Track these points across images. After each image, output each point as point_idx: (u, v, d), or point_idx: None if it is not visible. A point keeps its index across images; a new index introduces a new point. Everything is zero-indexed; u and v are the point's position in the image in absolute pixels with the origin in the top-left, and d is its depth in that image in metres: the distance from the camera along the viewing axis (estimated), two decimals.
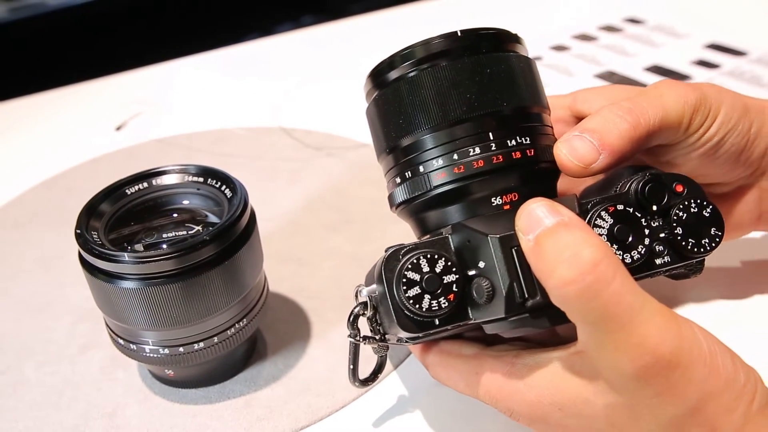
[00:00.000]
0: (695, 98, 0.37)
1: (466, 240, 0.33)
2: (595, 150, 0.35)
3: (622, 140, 0.36)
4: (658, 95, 0.37)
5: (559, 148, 0.35)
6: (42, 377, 0.45)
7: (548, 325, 0.31)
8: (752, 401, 0.29)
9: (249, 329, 0.41)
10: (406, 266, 0.32)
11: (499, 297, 0.31)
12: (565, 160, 0.35)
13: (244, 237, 0.39)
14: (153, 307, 0.37)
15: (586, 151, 0.35)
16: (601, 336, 0.28)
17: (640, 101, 0.37)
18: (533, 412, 0.32)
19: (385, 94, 0.36)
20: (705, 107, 0.37)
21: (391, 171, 0.37)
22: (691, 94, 0.37)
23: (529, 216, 0.30)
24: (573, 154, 0.35)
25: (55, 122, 0.80)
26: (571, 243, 0.28)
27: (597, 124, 0.36)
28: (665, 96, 0.37)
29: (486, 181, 0.34)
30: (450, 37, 0.35)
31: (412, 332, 0.32)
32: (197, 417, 0.41)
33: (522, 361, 0.33)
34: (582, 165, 0.35)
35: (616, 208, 0.33)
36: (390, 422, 0.40)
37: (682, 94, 0.37)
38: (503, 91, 0.34)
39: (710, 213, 0.35)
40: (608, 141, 0.35)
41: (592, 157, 0.35)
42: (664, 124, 0.36)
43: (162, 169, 0.42)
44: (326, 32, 1.00)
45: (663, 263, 0.35)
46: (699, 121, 0.37)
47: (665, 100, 0.37)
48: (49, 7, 1.54)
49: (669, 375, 0.28)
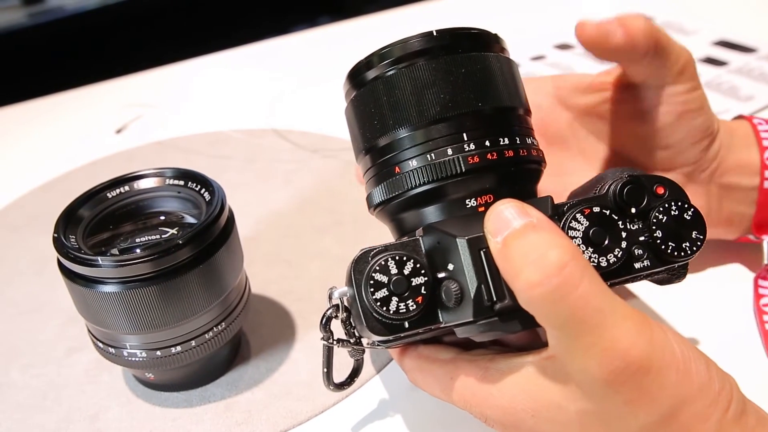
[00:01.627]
0: (691, 56, 0.42)
1: (436, 242, 0.32)
2: (616, 28, 0.40)
3: (639, 31, 0.40)
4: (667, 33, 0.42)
5: (584, 21, 0.41)
6: (27, 380, 0.45)
7: (519, 328, 0.31)
8: (727, 409, 0.28)
9: (229, 332, 0.41)
10: (374, 268, 0.31)
11: (467, 300, 0.31)
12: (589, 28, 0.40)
13: (222, 239, 0.39)
14: (130, 310, 0.37)
15: (608, 25, 0.40)
16: (569, 340, 0.27)
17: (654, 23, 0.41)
18: (506, 418, 0.31)
19: (361, 95, 0.36)
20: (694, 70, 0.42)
21: (368, 172, 0.37)
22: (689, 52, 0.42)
23: (498, 217, 0.29)
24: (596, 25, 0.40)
25: (56, 126, 0.80)
26: (538, 245, 0.28)
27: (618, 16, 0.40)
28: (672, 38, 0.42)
29: (461, 183, 0.33)
30: (426, 37, 0.34)
31: (382, 335, 0.32)
32: (177, 420, 0.41)
33: (495, 365, 0.32)
34: (603, 33, 0.40)
35: (591, 210, 0.32)
36: (370, 427, 0.40)
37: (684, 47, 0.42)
38: (479, 91, 0.34)
39: (692, 216, 0.34)
40: (628, 26, 0.40)
41: (614, 31, 0.40)
42: (668, 48, 0.41)
43: (142, 172, 0.42)
44: (324, 33, 1.00)
45: (642, 267, 0.34)
46: (689, 75, 0.42)
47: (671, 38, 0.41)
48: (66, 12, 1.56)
49: (640, 380, 0.27)
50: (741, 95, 0.72)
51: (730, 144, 0.44)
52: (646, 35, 0.40)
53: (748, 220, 0.45)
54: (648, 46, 0.40)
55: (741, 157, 0.44)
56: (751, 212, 0.45)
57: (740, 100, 0.71)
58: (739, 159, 0.44)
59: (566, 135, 0.46)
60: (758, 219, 0.45)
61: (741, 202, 0.45)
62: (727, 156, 0.44)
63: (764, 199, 0.44)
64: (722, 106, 0.70)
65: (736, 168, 0.44)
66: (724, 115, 0.68)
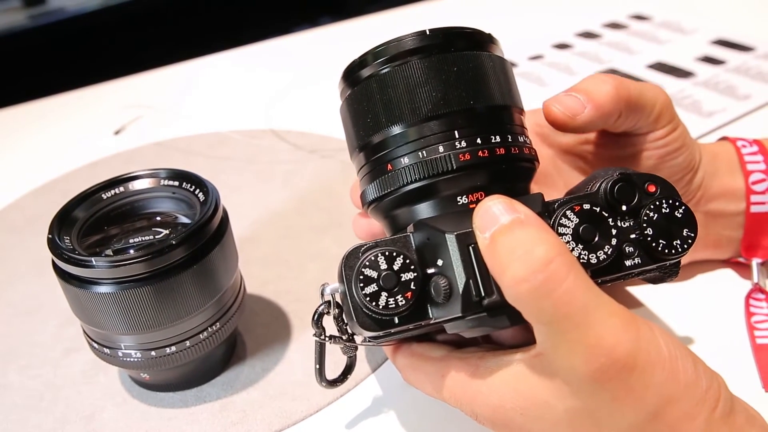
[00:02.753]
0: (666, 97, 0.41)
1: (426, 238, 0.32)
2: (581, 104, 0.39)
3: (606, 98, 0.39)
4: (638, 81, 0.41)
5: (549, 103, 0.39)
6: (24, 380, 0.45)
7: (508, 324, 0.31)
8: (715, 408, 0.28)
9: (223, 332, 0.41)
10: (364, 263, 0.31)
11: (456, 295, 0.31)
12: (555, 110, 0.39)
13: (216, 239, 0.39)
14: (125, 310, 0.37)
15: (573, 103, 0.39)
16: (555, 336, 0.28)
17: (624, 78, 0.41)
18: (495, 415, 0.31)
19: (355, 93, 0.36)
20: (672, 110, 0.42)
21: (362, 169, 0.37)
22: (663, 93, 0.41)
23: (486, 213, 0.29)
24: (561, 105, 0.39)
25: (55, 127, 0.81)
26: (524, 241, 0.28)
27: (583, 85, 0.40)
28: (643, 84, 0.41)
29: (452, 180, 0.33)
30: (419, 36, 0.35)
31: (372, 330, 0.32)
32: (173, 420, 0.41)
33: (485, 363, 0.32)
34: (569, 114, 0.39)
35: (582, 207, 0.32)
36: (364, 427, 0.40)
37: (657, 88, 0.41)
38: (471, 90, 0.34)
39: (683, 214, 0.34)
40: (594, 97, 0.39)
41: (579, 108, 0.39)
42: (639, 102, 0.40)
43: (136, 173, 0.42)
44: (324, 34, 1.00)
45: (633, 265, 0.34)
46: (666, 118, 0.41)
47: (643, 86, 0.41)
48: (67, 13, 1.57)
49: (626, 378, 0.27)
50: (739, 94, 0.71)
51: (714, 171, 0.44)
52: (614, 101, 0.39)
53: (737, 242, 0.46)
54: (619, 109, 0.40)
55: (725, 183, 0.44)
56: (739, 236, 0.46)
57: (738, 99, 0.71)
58: (723, 185, 0.44)
59: (550, 171, 0.45)
60: (747, 242, 0.46)
61: (728, 227, 0.45)
62: (711, 183, 0.44)
63: (751, 223, 0.45)
64: (719, 105, 0.70)
65: (721, 195, 0.44)
66: (721, 114, 0.68)
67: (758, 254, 0.46)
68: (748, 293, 0.45)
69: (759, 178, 0.44)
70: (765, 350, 0.42)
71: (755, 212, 0.44)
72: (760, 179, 0.44)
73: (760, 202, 0.44)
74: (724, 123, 0.67)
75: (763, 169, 0.44)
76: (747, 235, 0.45)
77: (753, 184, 0.44)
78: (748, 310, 0.44)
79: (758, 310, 0.44)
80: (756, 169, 0.44)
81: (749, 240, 0.45)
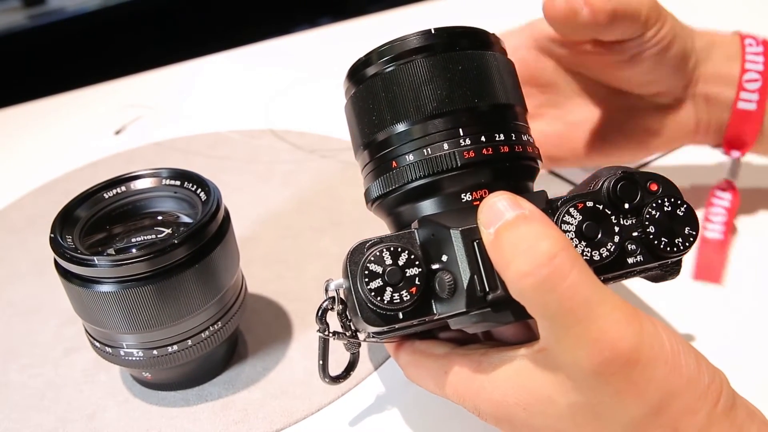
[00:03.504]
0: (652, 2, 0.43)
1: (430, 234, 0.32)
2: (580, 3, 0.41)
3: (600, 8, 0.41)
4: None
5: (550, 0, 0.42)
6: (25, 379, 0.45)
7: (512, 319, 0.31)
8: (717, 403, 0.28)
9: (225, 331, 0.41)
10: (369, 258, 0.31)
11: (460, 291, 0.31)
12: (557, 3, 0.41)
13: (217, 238, 0.39)
14: (127, 309, 0.37)
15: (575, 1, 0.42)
16: (559, 331, 0.28)
17: None
18: (498, 411, 0.31)
19: (360, 91, 0.36)
20: (657, 11, 0.43)
21: (366, 167, 0.37)
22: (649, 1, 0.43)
23: (491, 209, 0.30)
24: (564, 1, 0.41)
25: (55, 127, 0.80)
26: (528, 236, 0.28)
27: None
28: None
29: (456, 177, 0.34)
30: (424, 35, 0.35)
31: (377, 326, 0.32)
32: (174, 419, 0.41)
33: (488, 359, 0.32)
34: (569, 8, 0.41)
35: (585, 204, 0.32)
36: (366, 425, 0.40)
37: None
38: (475, 88, 0.34)
39: (684, 212, 0.34)
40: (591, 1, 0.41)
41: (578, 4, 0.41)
42: (629, 9, 0.42)
43: (138, 173, 0.42)
44: (322, 34, 1.00)
45: (635, 262, 0.34)
46: (654, 19, 0.43)
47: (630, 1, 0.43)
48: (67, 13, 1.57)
49: (629, 372, 0.27)
50: None
51: (707, 57, 0.46)
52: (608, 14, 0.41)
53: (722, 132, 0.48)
54: (610, 20, 0.42)
55: (720, 69, 0.46)
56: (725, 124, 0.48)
57: None
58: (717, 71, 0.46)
59: (556, 80, 0.48)
60: (729, 135, 0.47)
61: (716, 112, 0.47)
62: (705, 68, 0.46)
63: (736, 117, 0.46)
64: None
65: (714, 79, 0.46)
66: None
67: (739, 149, 0.48)
68: (716, 185, 0.47)
69: (753, 77, 0.46)
70: (709, 244, 0.44)
71: (741, 108, 0.46)
72: (753, 78, 0.46)
73: (748, 99, 0.46)
74: None
75: (760, 70, 0.46)
76: (730, 128, 0.47)
77: (746, 82, 0.46)
78: (709, 200, 0.46)
79: (718, 202, 0.46)
80: (752, 68, 0.46)
81: (732, 133, 0.47)
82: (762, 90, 0.45)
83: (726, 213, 0.45)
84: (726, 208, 0.45)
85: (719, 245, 0.43)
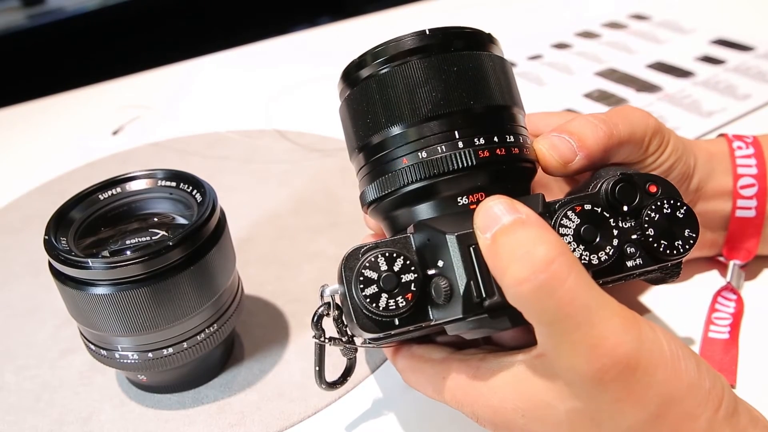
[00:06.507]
0: (654, 123, 0.40)
1: (426, 239, 0.32)
2: (573, 150, 0.37)
3: (598, 145, 0.37)
4: (625, 115, 0.39)
5: (541, 143, 0.37)
6: (21, 381, 0.45)
7: (509, 325, 0.30)
8: (718, 409, 0.27)
9: (221, 334, 0.41)
10: (364, 264, 0.31)
11: (456, 297, 0.30)
12: (547, 156, 0.37)
13: (213, 240, 0.39)
14: (121, 312, 0.37)
15: (565, 149, 0.37)
16: (557, 337, 0.27)
17: (611, 116, 0.39)
18: (497, 417, 0.31)
19: (355, 93, 0.36)
20: (661, 133, 0.40)
21: (362, 170, 0.37)
22: (651, 119, 0.40)
23: (487, 213, 0.29)
24: (554, 151, 0.37)
25: (53, 128, 0.80)
26: (525, 241, 0.27)
27: (576, 127, 0.37)
28: (631, 116, 0.39)
29: (452, 180, 0.33)
30: (418, 36, 0.34)
31: (372, 332, 0.31)
32: (170, 422, 0.41)
33: (486, 365, 0.32)
34: (561, 162, 0.37)
35: (583, 207, 0.32)
36: (362, 428, 0.40)
37: (645, 117, 0.40)
38: (471, 90, 0.34)
39: (684, 214, 0.34)
40: (586, 144, 0.37)
41: (571, 155, 0.37)
42: (630, 139, 0.38)
43: (133, 174, 0.42)
44: (321, 33, 1.00)
45: (635, 265, 0.33)
46: (656, 144, 0.40)
47: (632, 120, 0.39)
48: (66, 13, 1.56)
49: (628, 378, 0.27)
50: (738, 94, 0.71)
51: (710, 172, 0.44)
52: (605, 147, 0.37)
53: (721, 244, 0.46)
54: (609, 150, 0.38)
55: (718, 185, 0.44)
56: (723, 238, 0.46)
57: (737, 98, 0.70)
58: (716, 187, 0.44)
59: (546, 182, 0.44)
60: (729, 244, 0.46)
61: (715, 228, 0.45)
62: (707, 185, 0.44)
63: (735, 227, 0.45)
64: (719, 105, 0.69)
65: (713, 196, 0.44)
66: (721, 114, 0.68)
67: (738, 256, 0.46)
68: (719, 290, 0.46)
69: (748, 182, 0.44)
70: (712, 344, 0.42)
71: (740, 217, 0.44)
72: (748, 184, 0.44)
73: (746, 207, 0.44)
74: (723, 123, 0.66)
75: (754, 174, 0.44)
76: (730, 238, 0.45)
77: (741, 188, 0.44)
78: (713, 306, 0.45)
79: (723, 308, 0.44)
80: (746, 173, 0.44)
81: (732, 243, 0.46)
82: (759, 195, 0.43)
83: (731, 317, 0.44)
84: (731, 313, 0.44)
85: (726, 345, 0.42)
